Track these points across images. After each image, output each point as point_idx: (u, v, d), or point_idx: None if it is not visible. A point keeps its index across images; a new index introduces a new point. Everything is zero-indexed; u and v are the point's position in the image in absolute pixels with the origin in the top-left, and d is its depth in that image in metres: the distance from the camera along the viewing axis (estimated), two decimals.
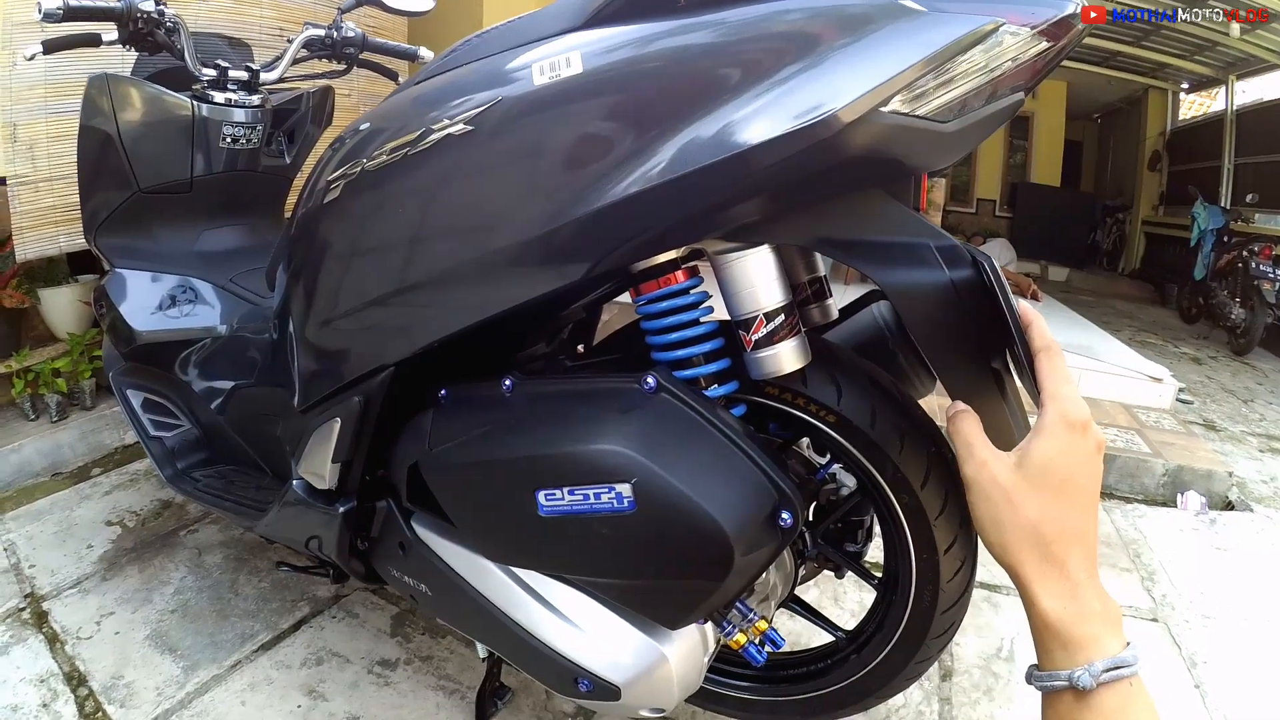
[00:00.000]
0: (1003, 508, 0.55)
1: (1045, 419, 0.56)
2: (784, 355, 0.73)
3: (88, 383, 2.19)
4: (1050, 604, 0.53)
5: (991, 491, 0.56)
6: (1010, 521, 0.55)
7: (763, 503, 0.68)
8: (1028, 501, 0.54)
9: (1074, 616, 0.53)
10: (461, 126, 0.77)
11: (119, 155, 1.45)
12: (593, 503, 0.68)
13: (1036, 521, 0.54)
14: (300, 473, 1.04)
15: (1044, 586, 0.54)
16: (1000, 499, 0.55)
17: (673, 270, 0.76)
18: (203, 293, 1.49)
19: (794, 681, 1.06)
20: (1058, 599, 0.53)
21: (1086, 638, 0.52)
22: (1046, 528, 0.54)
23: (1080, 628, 0.53)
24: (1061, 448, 0.55)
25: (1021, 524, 0.54)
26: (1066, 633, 0.53)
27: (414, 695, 1.31)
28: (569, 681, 0.84)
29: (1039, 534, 0.54)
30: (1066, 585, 0.54)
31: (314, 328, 0.98)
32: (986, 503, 0.56)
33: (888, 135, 0.65)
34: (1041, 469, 0.55)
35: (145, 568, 1.60)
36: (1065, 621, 0.53)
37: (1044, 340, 0.60)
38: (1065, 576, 0.54)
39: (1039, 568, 0.54)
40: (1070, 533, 0.54)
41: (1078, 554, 0.54)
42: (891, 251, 0.71)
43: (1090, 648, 0.52)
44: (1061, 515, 0.54)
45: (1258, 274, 4.92)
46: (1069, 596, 0.53)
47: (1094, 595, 0.54)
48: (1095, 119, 10.42)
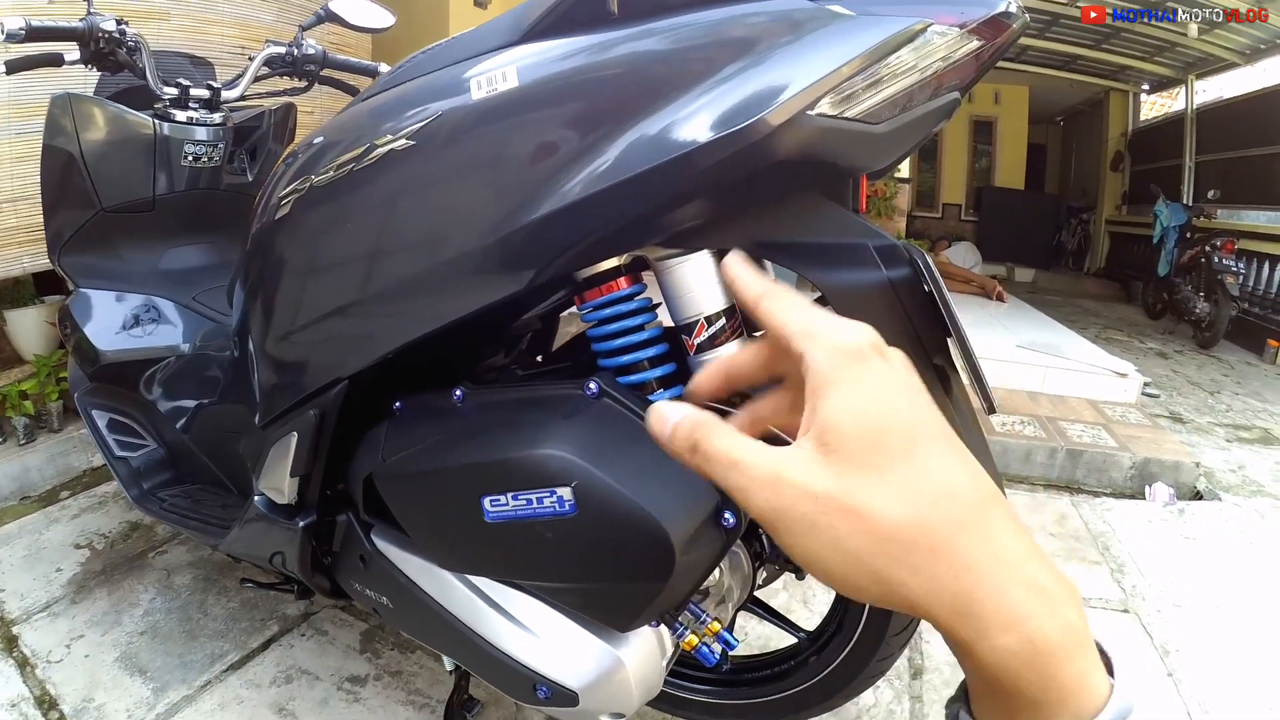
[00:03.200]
0: (837, 523, 0.29)
1: (813, 365, 0.32)
2: None
3: (55, 405, 2.17)
4: (1003, 644, 0.28)
5: (807, 509, 0.30)
6: (859, 536, 0.29)
7: (704, 503, 0.68)
8: (865, 491, 0.29)
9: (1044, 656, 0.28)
10: (404, 141, 0.77)
11: (81, 175, 1.45)
12: (535, 507, 0.69)
13: (896, 513, 0.29)
14: (261, 488, 1.04)
15: (971, 608, 0.29)
16: (826, 513, 0.29)
17: (616, 277, 0.77)
18: (166, 312, 1.49)
19: (759, 684, 1.07)
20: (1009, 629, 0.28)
21: (1067, 686, 0.29)
22: (914, 511, 0.29)
23: (1058, 672, 0.29)
24: (861, 389, 0.31)
25: (878, 530, 0.29)
26: (1037, 685, 0.29)
27: (384, 710, 1.30)
28: (528, 689, 0.84)
29: (916, 526, 0.29)
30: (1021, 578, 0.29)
31: (269, 343, 0.99)
32: (811, 531, 0.30)
33: (818, 138, 0.66)
34: (857, 433, 0.30)
35: (114, 590, 1.59)
36: (1032, 666, 0.28)
37: (755, 289, 0.37)
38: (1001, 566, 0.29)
39: (950, 580, 0.29)
40: (956, 496, 0.30)
41: (994, 519, 0.30)
42: (830, 253, 0.72)
43: (1075, 701, 0.29)
44: (924, 480, 0.30)
45: (1220, 268, 5.01)
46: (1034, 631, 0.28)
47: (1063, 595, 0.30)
48: (1058, 122, 10.60)
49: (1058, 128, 10.70)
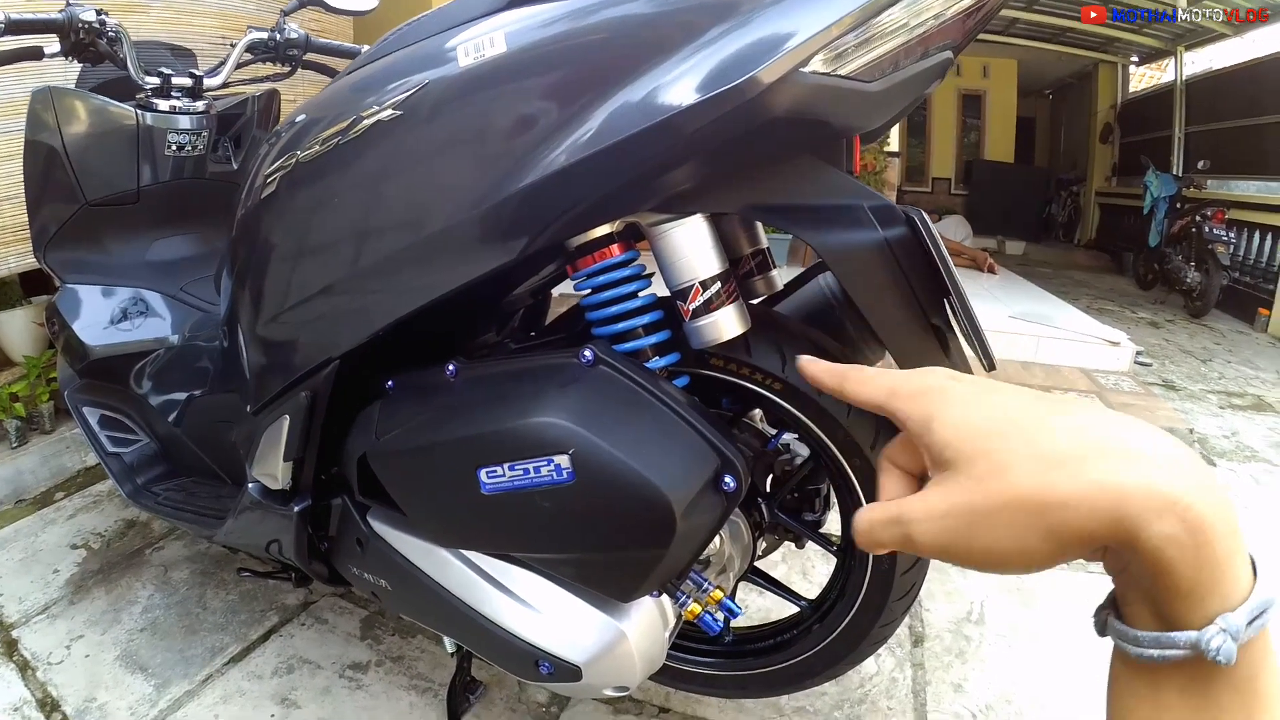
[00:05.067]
0: (989, 515, 0.34)
1: (908, 417, 0.39)
2: (722, 322, 0.74)
3: (46, 406, 2.15)
4: (1163, 533, 0.30)
5: (960, 521, 0.35)
6: (1011, 513, 0.33)
7: (704, 468, 0.68)
8: (994, 481, 0.34)
9: (1198, 534, 0.30)
10: (390, 112, 0.76)
11: (65, 169, 1.43)
12: (532, 476, 0.68)
13: (1028, 476, 0.33)
14: (254, 475, 1.03)
15: (1132, 509, 0.31)
16: (975, 514, 0.34)
17: (608, 245, 0.76)
18: (154, 304, 1.47)
19: (761, 654, 1.06)
20: (1164, 516, 0.30)
21: (1218, 567, 0.31)
22: (1040, 463, 0.33)
23: (1210, 552, 0.31)
24: (948, 416, 0.37)
25: (1022, 498, 0.33)
26: (1195, 573, 0.31)
27: (386, 696, 1.29)
28: (530, 665, 0.83)
29: (1061, 471, 0.32)
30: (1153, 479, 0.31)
31: (259, 326, 0.98)
32: (975, 534, 0.35)
33: (810, 96, 0.65)
34: (962, 446, 0.36)
35: (112, 588, 1.58)
36: (1193, 556, 0.30)
37: (835, 375, 0.45)
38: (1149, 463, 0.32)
39: (1099, 495, 0.31)
40: (1064, 430, 0.34)
41: (1103, 424, 0.34)
42: (825, 214, 0.71)
43: (1224, 584, 0.31)
44: (1031, 441, 0.34)
45: (1211, 238, 5.03)
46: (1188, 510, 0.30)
47: (1207, 477, 0.32)
48: (1047, 95, 10.59)
49: (1047, 100, 10.69)
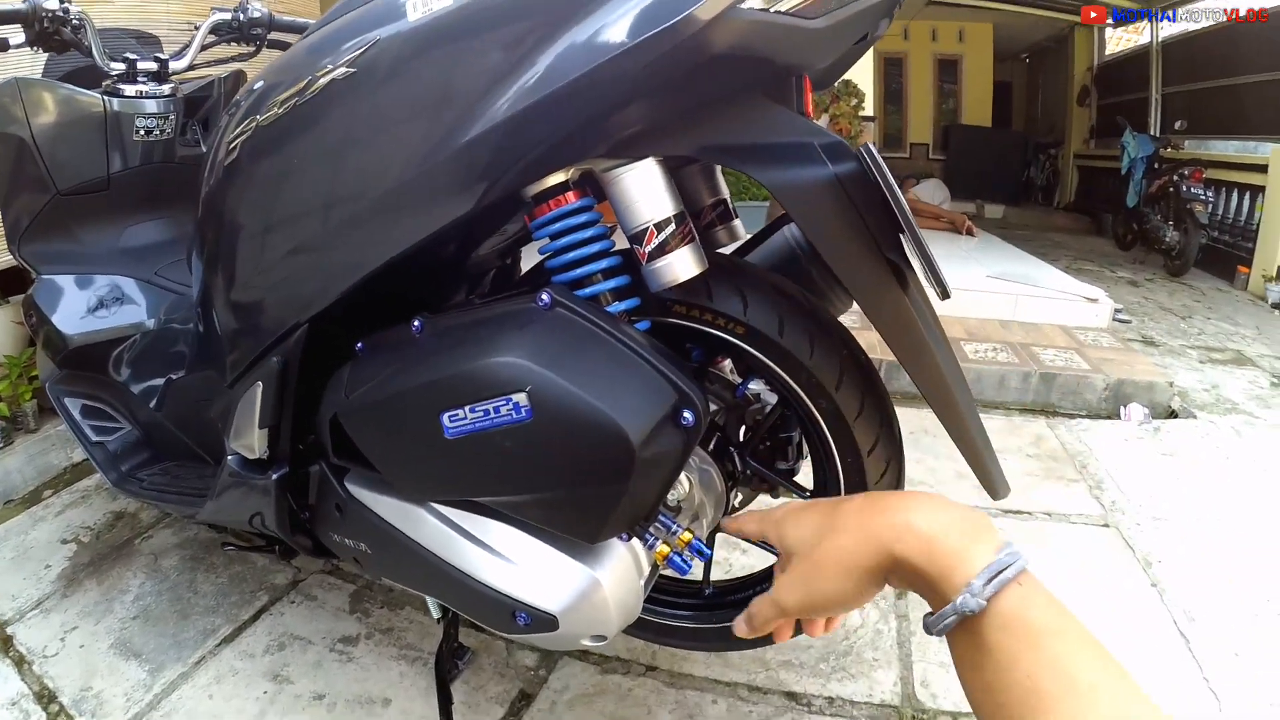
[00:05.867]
0: (816, 574, 0.56)
1: (773, 539, 0.63)
2: (677, 263, 0.74)
3: (29, 405, 2.14)
4: (904, 548, 0.50)
5: (800, 581, 0.58)
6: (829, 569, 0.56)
7: (661, 402, 0.69)
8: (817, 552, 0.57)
9: (929, 545, 0.50)
10: (344, 70, 0.77)
11: (35, 160, 1.42)
12: (493, 417, 0.69)
13: (833, 546, 0.55)
14: (232, 446, 1.03)
15: (885, 540, 0.52)
16: (808, 576, 0.57)
17: (564, 193, 0.76)
18: (129, 290, 1.47)
19: (741, 605, 1.06)
20: (903, 538, 0.51)
21: (952, 560, 0.48)
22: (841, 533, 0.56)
23: (942, 551, 0.49)
24: (789, 529, 0.61)
25: (834, 561, 0.55)
26: (933, 566, 0.49)
27: (377, 668, 1.31)
28: (507, 617, 0.84)
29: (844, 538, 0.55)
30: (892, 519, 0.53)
31: (228, 297, 0.98)
32: (813, 586, 0.57)
33: (750, 33, 0.66)
34: (798, 540, 0.59)
35: (104, 579, 1.58)
36: (926, 556, 0.49)
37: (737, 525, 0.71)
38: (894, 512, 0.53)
39: (873, 543, 0.53)
40: (856, 510, 0.56)
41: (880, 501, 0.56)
42: (775, 152, 0.72)
43: (961, 566, 0.48)
44: (836, 525, 0.57)
45: (1189, 196, 5.02)
46: (916, 530, 0.51)
47: (940, 509, 0.52)
48: (1023, 59, 10.53)
49: (1023, 65, 10.64)
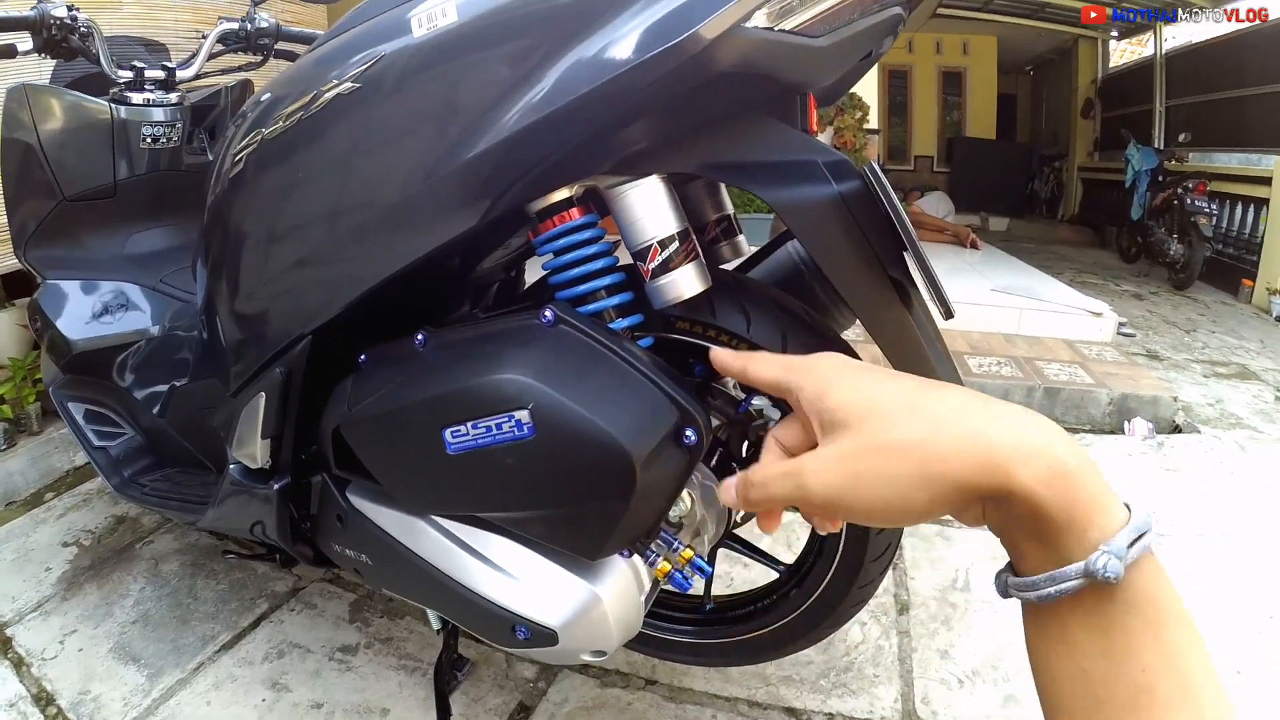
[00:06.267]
0: (874, 464, 0.39)
1: (801, 390, 0.44)
2: (681, 280, 0.74)
3: (33, 407, 2.15)
4: (1033, 475, 0.35)
5: (849, 468, 0.40)
6: (895, 461, 0.38)
7: (663, 420, 0.69)
8: (879, 434, 0.39)
9: (1068, 481, 0.35)
10: (350, 84, 0.77)
11: (41, 165, 1.44)
12: (495, 434, 0.69)
13: (909, 429, 0.39)
14: (235, 455, 1.04)
15: (1002, 458, 0.36)
16: (862, 461, 0.39)
17: (568, 209, 0.77)
18: (134, 297, 1.48)
19: (742, 621, 1.08)
20: (1031, 463, 0.35)
21: (1091, 507, 0.35)
22: (920, 420, 0.39)
23: (1083, 493, 0.35)
24: (837, 388, 0.42)
25: (904, 445, 0.38)
26: (1066, 509, 0.35)
27: (375, 677, 1.31)
28: (507, 631, 0.84)
29: (927, 427, 0.38)
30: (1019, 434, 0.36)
31: (233, 307, 0.99)
32: (861, 482, 0.39)
33: (756, 51, 0.66)
34: (850, 411, 0.41)
35: (104, 583, 1.58)
36: (1062, 493, 0.35)
37: (739, 358, 0.50)
38: (1006, 421, 0.37)
39: (972, 446, 0.37)
40: (946, 398, 0.40)
41: (980, 399, 0.39)
42: (779, 170, 0.72)
43: (1099, 517, 0.35)
44: (915, 405, 0.40)
45: (1193, 209, 5.03)
46: (1054, 457, 0.35)
47: (1069, 438, 0.36)
48: (1027, 71, 10.56)
49: (1027, 77, 10.68)
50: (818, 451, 0.42)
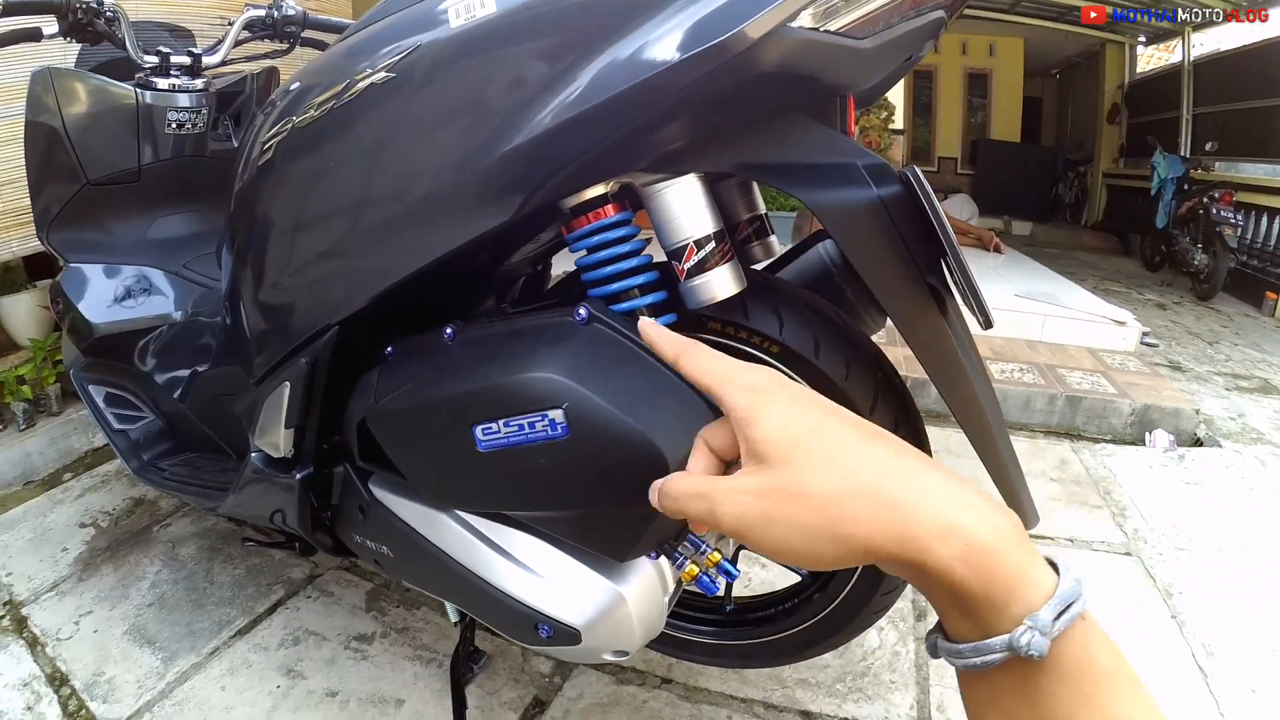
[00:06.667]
0: (788, 508, 0.38)
1: (733, 406, 0.42)
2: (716, 282, 0.73)
3: (53, 388, 2.16)
4: (946, 555, 0.35)
5: (763, 507, 0.38)
6: (809, 512, 0.37)
7: (698, 422, 0.68)
8: (800, 479, 0.38)
9: (985, 559, 0.35)
10: (384, 74, 0.76)
11: (66, 149, 1.44)
12: (528, 433, 0.68)
13: (830, 484, 0.37)
14: (257, 444, 1.03)
15: (917, 533, 0.35)
16: (778, 504, 0.38)
17: (603, 206, 0.76)
18: (157, 281, 1.48)
19: (763, 624, 1.07)
20: (947, 540, 0.35)
21: (1010, 582, 0.34)
22: (843, 478, 0.38)
23: (999, 570, 0.35)
24: (772, 415, 0.40)
25: (822, 500, 0.37)
26: (984, 587, 0.35)
27: (391, 667, 1.31)
28: (530, 629, 0.83)
29: (848, 487, 0.37)
30: (935, 510, 0.36)
31: (258, 296, 0.98)
32: (773, 523, 0.38)
33: (799, 51, 0.65)
34: (780, 445, 0.39)
35: (120, 565, 1.59)
36: (977, 573, 0.35)
37: (675, 345, 0.48)
38: (926, 497, 0.36)
39: (889, 518, 0.36)
40: (872, 460, 0.38)
41: (911, 468, 0.38)
42: (819, 173, 0.71)
43: (1021, 590, 0.34)
44: (842, 459, 0.38)
45: (1219, 219, 4.98)
46: (970, 536, 0.35)
47: (989, 507, 0.37)
48: (1054, 74, 10.47)
49: (1054, 80, 10.59)
50: (734, 479, 0.41)
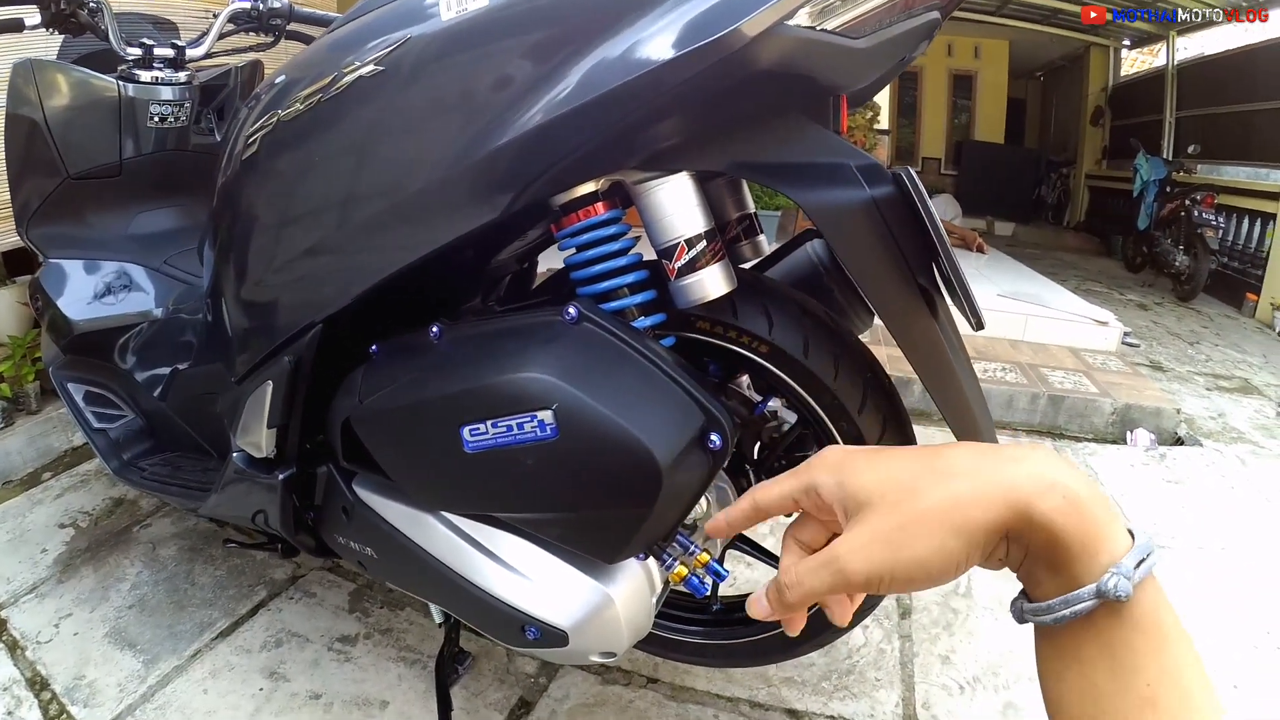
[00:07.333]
0: (909, 531, 0.41)
1: (818, 485, 0.45)
2: (707, 281, 0.73)
3: (32, 386, 2.13)
4: (1048, 505, 0.38)
5: (886, 541, 0.41)
6: (927, 526, 0.40)
7: (689, 425, 0.67)
8: (905, 506, 0.41)
9: (1079, 507, 0.38)
10: (372, 68, 0.75)
11: (47, 142, 1.41)
12: (516, 434, 0.67)
13: (935, 494, 0.41)
14: (239, 444, 1.02)
15: (1023, 493, 0.39)
16: (896, 533, 0.41)
17: (593, 203, 0.75)
18: (137, 277, 1.46)
19: (749, 623, 1.07)
20: (1046, 495, 0.38)
21: (1100, 531, 0.38)
22: (943, 485, 0.41)
23: (1092, 518, 0.38)
24: (854, 479, 0.44)
25: (933, 509, 0.41)
26: (1079, 534, 0.38)
27: (375, 669, 1.30)
28: (517, 631, 0.83)
29: (951, 489, 0.41)
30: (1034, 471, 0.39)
31: (241, 292, 0.97)
32: (900, 551, 0.41)
33: (795, 50, 0.64)
34: (870, 494, 0.43)
35: (100, 566, 1.57)
36: (1074, 520, 0.38)
37: (745, 502, 0.49)
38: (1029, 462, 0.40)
39: (993, 489, 0.40)
40: (959, 459, 0.42)
41: (993, 451, 0.42)
42: (812, 172, 0.70)
43: (1108, 542, 0.37)
44: (931, 477, 0.42)
45: (1200, 222, 5.05)
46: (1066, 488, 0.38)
47: (1075, 470, 0.40)
48: (1038, 77, 10.57)
49: (1038, 83, 10.69)
50: (847, 536, 0.43)
